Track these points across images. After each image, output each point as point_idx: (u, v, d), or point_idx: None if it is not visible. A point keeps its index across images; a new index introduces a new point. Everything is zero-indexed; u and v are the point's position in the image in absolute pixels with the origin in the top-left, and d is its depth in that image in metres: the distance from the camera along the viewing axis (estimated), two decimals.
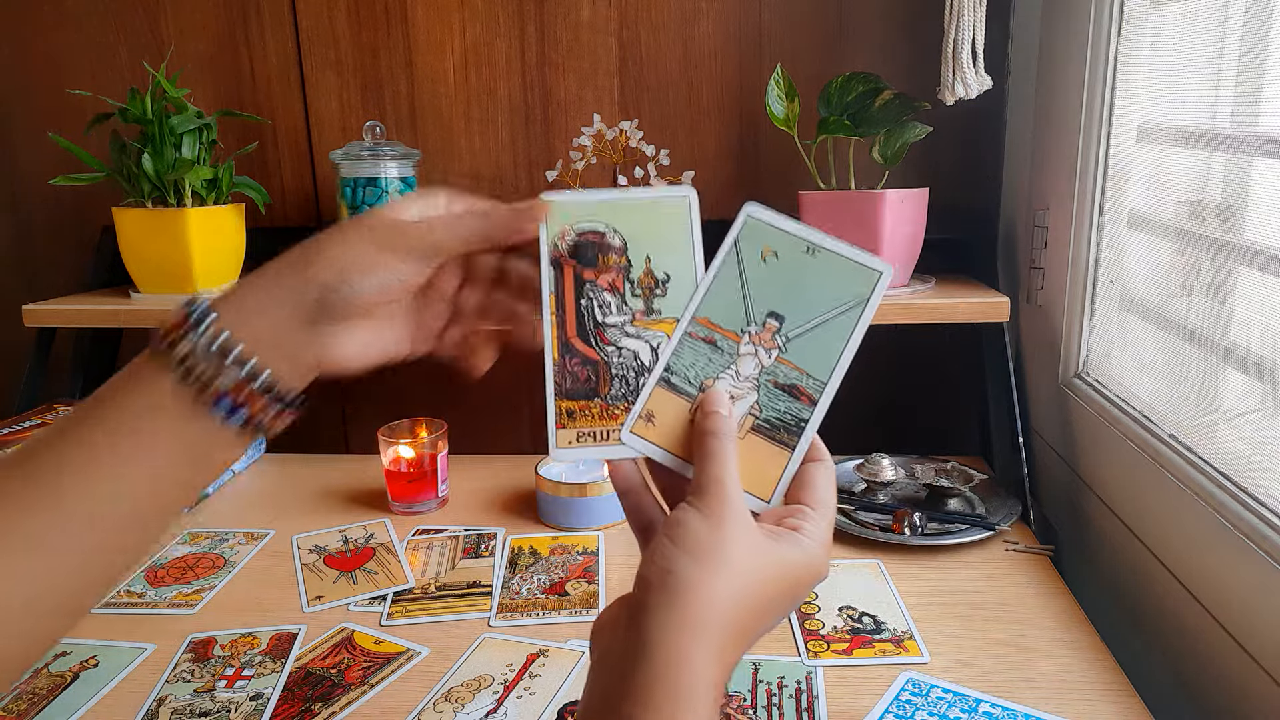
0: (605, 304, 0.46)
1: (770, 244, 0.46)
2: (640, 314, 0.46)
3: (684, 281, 0.46)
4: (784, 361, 0.45)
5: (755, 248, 0.46)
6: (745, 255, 0.46)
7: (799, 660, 0.70)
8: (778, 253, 0.46)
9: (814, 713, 0.63)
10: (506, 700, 0.66)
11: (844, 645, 0.72)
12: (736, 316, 0.45)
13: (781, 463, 0.44)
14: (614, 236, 0.46)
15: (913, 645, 0.71)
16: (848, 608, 0.77)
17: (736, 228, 0.46)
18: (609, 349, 0.46)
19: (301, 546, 0.92)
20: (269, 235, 1.24)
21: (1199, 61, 0.76)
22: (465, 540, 0.92)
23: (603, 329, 0.46)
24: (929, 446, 1.15)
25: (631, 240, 0.46)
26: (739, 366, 0.45)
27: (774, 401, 0.45)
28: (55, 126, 1.22)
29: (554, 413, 0.46)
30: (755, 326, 0.45)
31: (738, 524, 0.40)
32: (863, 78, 1.00)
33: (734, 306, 0.45)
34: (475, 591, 0.82)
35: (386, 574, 0.85)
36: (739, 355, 0.45)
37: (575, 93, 1.18)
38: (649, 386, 0.45)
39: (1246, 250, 0.68)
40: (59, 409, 1.09)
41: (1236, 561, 0.63)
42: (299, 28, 1.19)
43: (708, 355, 0.45)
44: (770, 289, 0.45)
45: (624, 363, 0.46)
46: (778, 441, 0.44)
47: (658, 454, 0.45)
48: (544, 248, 0.46)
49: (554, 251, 0.46)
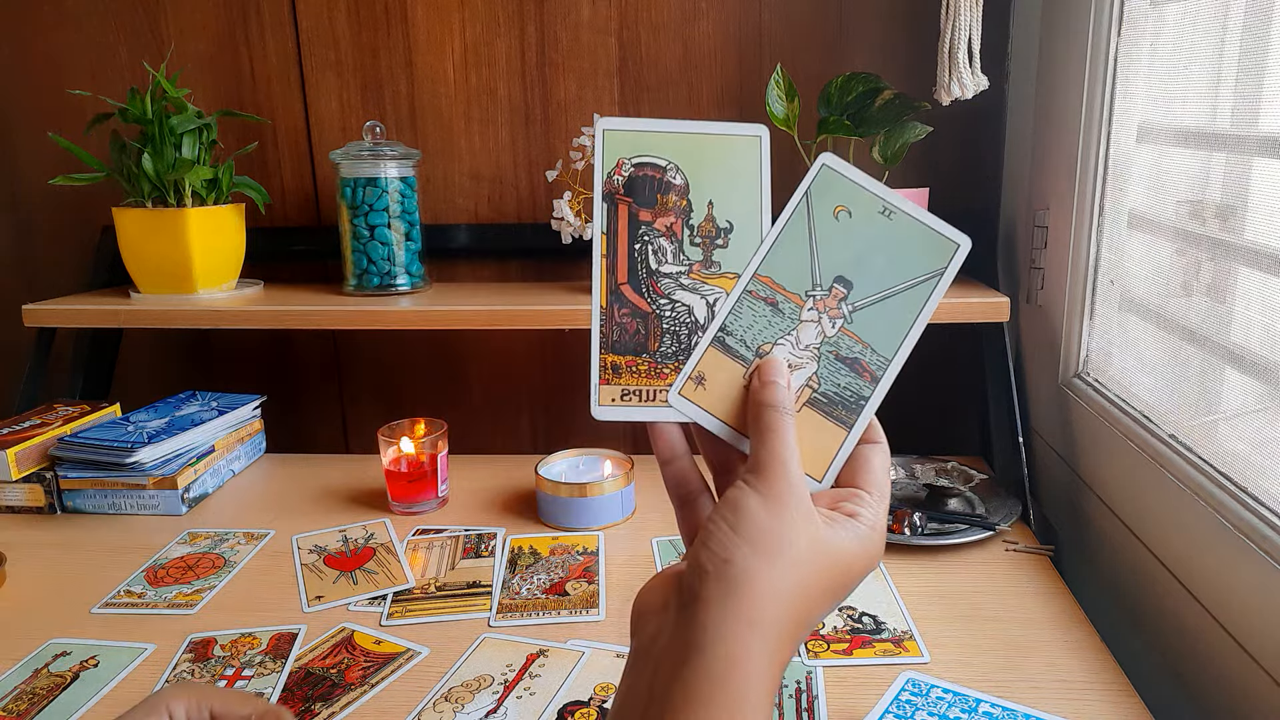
0: (661, 250, 0.42)
1: (844, 200, 0.42)
2: (698, 265, 0.42)
3: (748, 233, 0.42)
4: (848, 333, 0.41)
5: (828, 203, 0.42)
6: (816, 210, 0.42)
7: (799, 660, 0.70)
8: (851, 211, 0.42)
9: (814, 712, 0.63)
10: (506, 700, 0.66)
11: (844, 645, 0.72)
12: (802, 278, 0.41)
13: (837, 442, 0.41)
14: (675, 174, 0.42)
15: (913, 645, 0.72)
16: (848, 607, 0.77)
17: (810, 178, 0.42)
18: (661, 301, 0.42)
19: (301, 546, 0.92)
20: (269, 235, 1.25)
21: (1199, 61, 0.76)
22: (465, 540, 0.92)
23: (656, 278, 0.42)
24: (929, 446, 1.15)
25: (694, 180, 0.42)
26: (800, 333, 0.41)
27: (834, 375, 0.41)
28: (55, 126, 1.22)
29: (598, 367, 0.42)
30: (821, 291, 0.42)
31: (800, 510, 0.38)
32: (863, 78, 1.00)
33: (800, 266, 0.41)
34: (475, 591, 0.82)
35: (387, 574, 0.85)
36: (801, 321, 0.41)
37: (575, 93, 1.18)
38: (702, 346, 0.41)
39: (1246, 250, 0.68)
40: (59, 409, 1.09)
41: (1236, 561, 0.63)
42: (299, 28, 1.19)
43: (768, 318, 0.41)
44: (840, 251, 0.41)
45: (676, 317, 0.41)
46: (834, 418, 0.41)
47: (707, 420, 0.41)
48: (598, 179, 0.42)
49: (607, 185, 0.42)
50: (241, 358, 1.33)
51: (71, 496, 1.01)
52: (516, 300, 1.06)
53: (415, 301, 1.08)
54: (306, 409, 1.33)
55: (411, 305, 1.06)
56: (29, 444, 0.99)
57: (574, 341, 1.27)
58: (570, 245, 1.08)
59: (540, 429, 1.32)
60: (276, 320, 1.07)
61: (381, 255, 1.10)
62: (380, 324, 1.06)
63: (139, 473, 0.98)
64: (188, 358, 1.35)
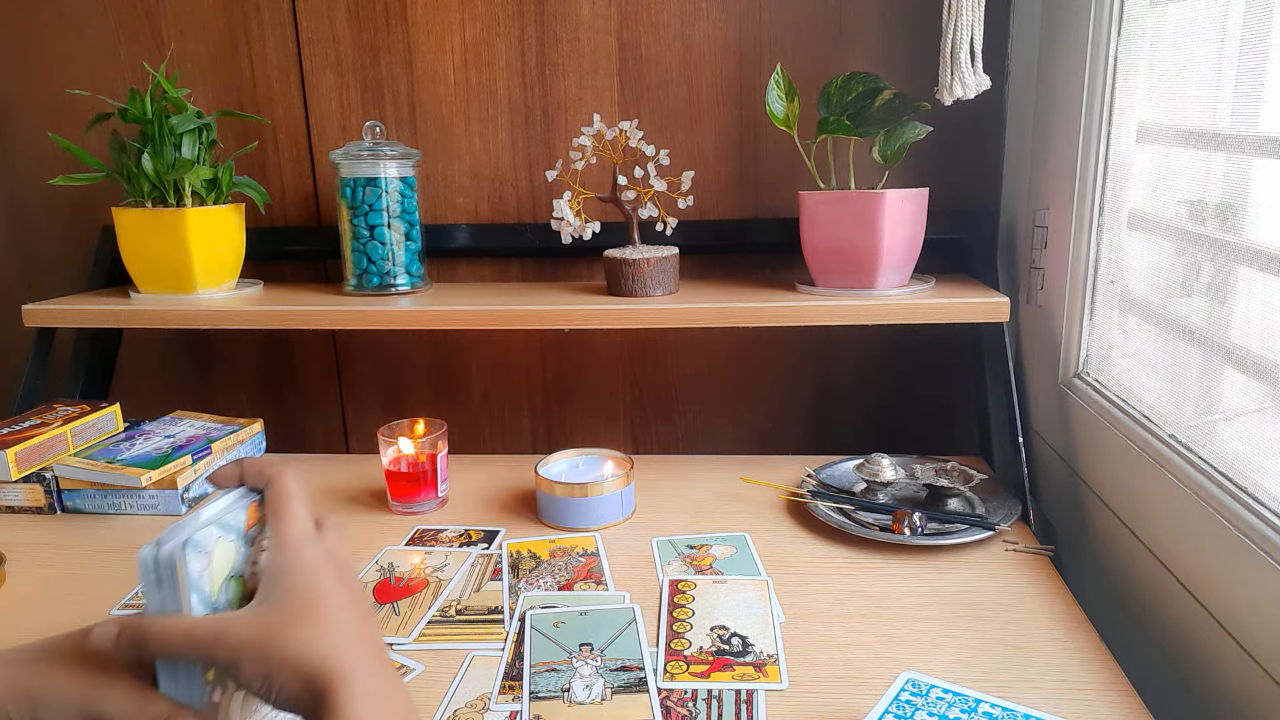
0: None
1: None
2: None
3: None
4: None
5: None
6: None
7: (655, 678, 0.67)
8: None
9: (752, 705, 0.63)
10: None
11: (704, 668, 0.68)
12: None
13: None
14: None
15: (774, 670, 0.68)
16: (720, 627, 0.74)
17: None
18: None
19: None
20: (269, 235, 1.25)
21: (1199, 61, 0.76)
22: (496, 560, 0.88)
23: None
24: (929, 446, 1.15)
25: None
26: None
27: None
28: (55, 126, 1.22)
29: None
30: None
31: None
32: (863, 78, 1.00)
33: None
34: (495, 619, 0.77)
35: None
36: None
37: (575, 93, 1.18)
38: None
39: (1246, 250, 0.68)
40: (59, 409, 1.09)
41: (1236, 561, 0.63)
42: (299, 28, 1.19)
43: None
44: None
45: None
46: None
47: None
48: None
49: None
50: (241, 357, 1.33)
51: (71, 496, 1.01)
52: (516, 300, 1.06)
53: (415, 301, 1.08)
54: (306, 409, 1.33)
55: (411, 305, 1.06)
56: (29, 444, 0.99)
57: (574, 341, 1.27)
58: (570, 245, 1.08)
59: (540, 429, 1.32)
60: (276, 320, 1.07)
61: (381, 255, 1.10)
62: (380, 324, 1.06)
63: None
64: (188, 357, 1.35)
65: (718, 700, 0.65)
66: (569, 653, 0.71)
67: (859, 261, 1.00)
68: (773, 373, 1.26)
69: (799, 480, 1.04)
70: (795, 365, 1.25)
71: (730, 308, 1.00)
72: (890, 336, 1.21)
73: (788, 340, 1.24)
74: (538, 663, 0.70)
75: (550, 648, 0.72)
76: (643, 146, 1.05)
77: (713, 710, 0.64)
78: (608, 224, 1.11)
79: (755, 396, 1.27)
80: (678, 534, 0.93)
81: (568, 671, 0.68)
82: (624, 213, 1.07)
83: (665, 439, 1.30)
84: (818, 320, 1.00)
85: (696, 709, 0.64)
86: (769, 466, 1.10)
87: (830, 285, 1.04)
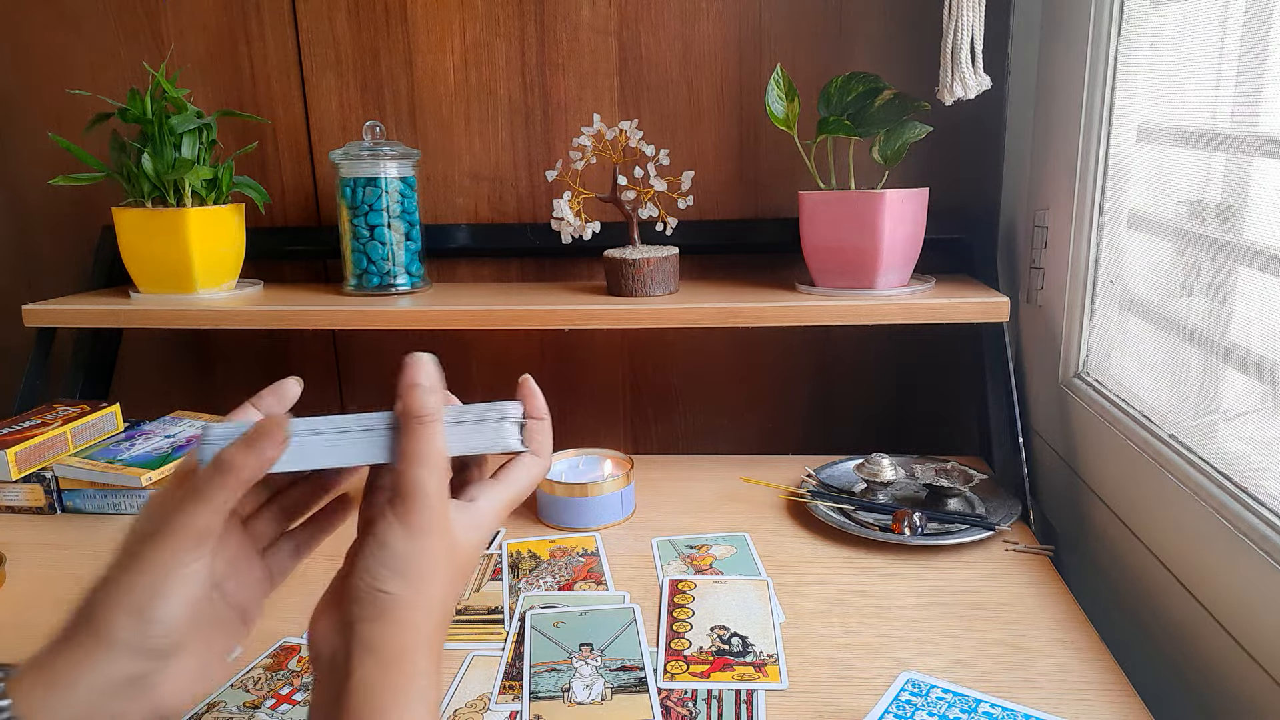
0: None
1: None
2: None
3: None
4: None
5: None
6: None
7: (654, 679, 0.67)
8: None
9: (752, 705, 0.63)
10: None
11: (704, 668, 0.68)
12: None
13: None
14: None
15: (774, 670, 0.68)
16: (720, 627, 0.74)
17: None
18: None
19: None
20: (269, 235, 1.25)
21: (1199, 61, 0.76)
22: (495, 560, 0.88)
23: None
24: (929, 446, 1.15)
25: None
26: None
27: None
28: (55, 126, 1.22)
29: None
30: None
31: (439, 535, 0.43)
32: (863, 78, 1.00)
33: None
34: (495, 619, 0.78)
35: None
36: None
37: (575, 93, 1.18)
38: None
39: (1246, 250, 0.68)
40: (59, 409, 1.09)
41: (1236, 561, 0.63)
42: (299, 28, 1.19)
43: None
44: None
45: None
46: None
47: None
48: None
49: None
50: (241, 357, 1.33)
51: (71, 496, 1.01)
52: (516, 300, 1.06)
53: (415, 301, 1.08)
54: (306, 409, 1.33)
55: (411, 305, 1.06)
56: (29, 444, 0.99)
57: (574, 341, 1.27)
58: (570, 245, 1.08)
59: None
60: (276, 320, 1.07)
61: (381, 255, 1.10)
62: (380, 324, 1.06)
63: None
64: (188, 357, 1.35)
65: (718, 700, 0.65)
66: (569, 653, 0.71)
67: (859, 261, 1.00)
68: (773, 373, 1.26)
69: (799, 480, 1.04)
70: (795, 365, 1.25)
71: (730, 308, 1.00)
72: (890, 336, 1.21)
73: (788, 340, 1.24)
74: (538, 663, 0.70)
75: (550, 648, 0.72)
76: (643, 146, 1.05)
77: (713, 710, 0.64)
78: (608, 224, 1.11)
79: (755, 396, 1.27)
80: (678, 534, 0.93)
81: (568, 671, 0.68)
82: (624, 213, 1.07)
83: (665, 439, 1.30)
84: (818, 320, 1.00)
85: (696, 709, 0.64)
86: (769, 466, 1.10)
87: (830, 285, 1.04)
